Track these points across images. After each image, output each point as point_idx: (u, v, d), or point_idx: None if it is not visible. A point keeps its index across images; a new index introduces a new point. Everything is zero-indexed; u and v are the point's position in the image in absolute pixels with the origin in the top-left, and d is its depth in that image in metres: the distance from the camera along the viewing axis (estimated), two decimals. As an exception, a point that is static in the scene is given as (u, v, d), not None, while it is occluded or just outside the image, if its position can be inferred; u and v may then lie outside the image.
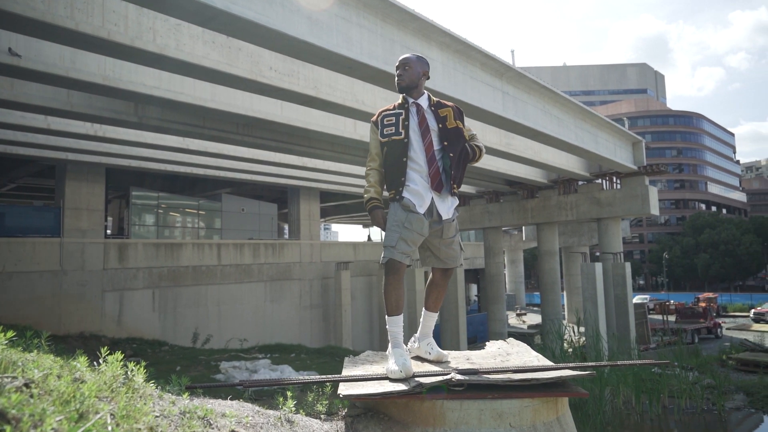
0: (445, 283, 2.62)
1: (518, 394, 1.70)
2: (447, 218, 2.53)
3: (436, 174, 2.50)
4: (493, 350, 2.57)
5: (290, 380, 1.90)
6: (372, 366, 2.28)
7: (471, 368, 2.01)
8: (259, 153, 16.96)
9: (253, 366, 12.57)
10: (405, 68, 2.70)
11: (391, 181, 2.54)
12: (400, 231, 2.39)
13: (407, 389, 1.74)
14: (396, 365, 2.04)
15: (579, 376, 1.77)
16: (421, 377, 1.93)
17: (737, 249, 62.21)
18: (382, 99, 12.72)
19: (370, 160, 2.68)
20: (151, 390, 1.44)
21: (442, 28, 10.99)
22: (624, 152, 21.01)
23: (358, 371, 2.16)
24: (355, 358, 2.44)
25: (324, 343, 22.22)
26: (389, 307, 2.38)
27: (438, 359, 2.38)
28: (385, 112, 2.68)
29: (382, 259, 2.39)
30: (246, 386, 1.82)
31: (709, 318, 30.55)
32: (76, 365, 1.35)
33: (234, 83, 10.11)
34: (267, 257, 21.88)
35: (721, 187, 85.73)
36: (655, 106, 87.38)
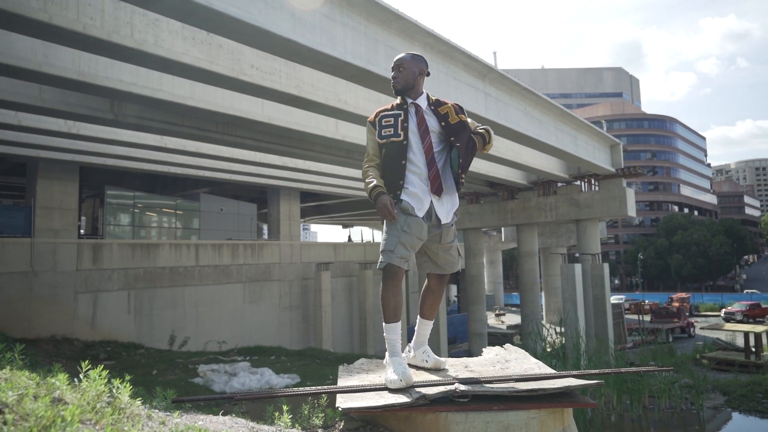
0: (441, 289, 2.54)
1: (525, 405, 1.63)
2: (446, 222, 2.47)
3: (436, 177, 2.43)
4: (491, 357, 2.50)
5: (285, 392, 1.79)
6: (368, 375, 2.19)
7: (472, 377, 1.93)
8: (239, 152, 16.70)
9: (232, 369, 12.34)
10: (399, 70, 2.59)
11: (389, 184, 2.44)
12: (399, 235, 2.31)
13: (410, 401, 1.66)
14: (396, 375, 1.96)
15: (587, 385, 1.71)
16: (422, 387, 1.85)
17: (708, 250, 63.80)
18: (364, 99, 12.63)
19: (368, 159, 2.56)
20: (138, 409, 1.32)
21: (425, 28, 10.94)
22: (602, 154, 21.29)
23: (354, 381, 2.07)
24: (349, 367, 2.34)
25: (304, 345, 22.01)
26: (387, 313, 2.29)
27: (435, 367, 2.30)
28: (383, 112, 2.58)
29: (379, 264, 2.30)
30: (238, 399, 1.72)
31: (683, 318, 31.22)
32: (54, 383, 1.23)
33: (214, 81, 9.90)
34: (246, 258, 21.57)
35: (693, 190, 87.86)
36: (630, 109, 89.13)
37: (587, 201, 22.39)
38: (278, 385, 10.79)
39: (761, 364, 17.30)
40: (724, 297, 49.35)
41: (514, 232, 41.85)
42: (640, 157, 78.16)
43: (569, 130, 18.10)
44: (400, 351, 2.22)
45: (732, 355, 19.08)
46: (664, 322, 30.01)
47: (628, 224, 79.28)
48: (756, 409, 8.77)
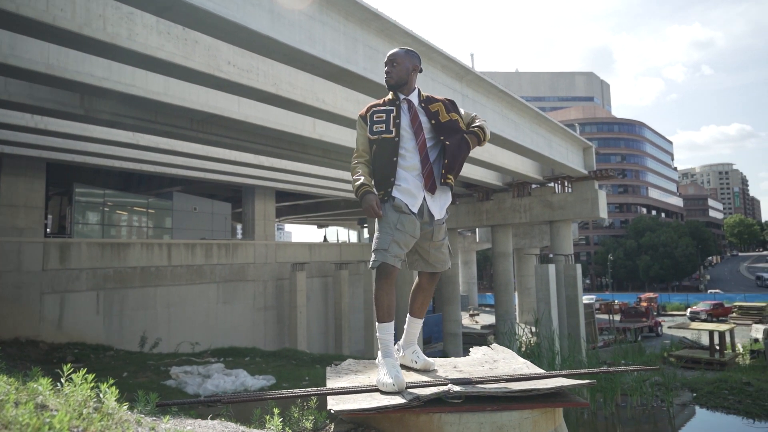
0: (432, 287, 2.52)
1: (518, 406, 1.63)
2: (439, 218, 2.44)
3: (430, 174, 2.40)
4: (479, 357, 2.50)
5: (274, 394, 1.75)
6: (357, 376, 2.16)
7: (464, 378, 1.92)
8: (213, 150, 16.43)
9: (205, 371, 12.12)
10: (393, 65, 2.56)
11: (380, 182, 2.40)
12: (392, 233, 2.27)
13: (404, 402, 1.64)
14: (389, 377, 1.93)
15: (580, 385, 1.72)
16: (414, 388, 1.83)
17: (675, 251, 65.65)
18: (342, 98, 12.58)
19: (357, 155, 2.51)
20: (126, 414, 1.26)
21: (404, 28, 10.95)
22: (575, 157, 21.67)
23: (344, 382, 2.03)
24: (337, 368, 2.30)
25: (278, 346, 21.79)
26: (381, 313, 2.25)
27: (425, 368, 2.28)
28: (374, 107, 2.54)
29: (372, 262, 2.27)
30: (225, 402, 1.66)
31: (651, 317, 32.05)
32: (37, 388, 1.15)
33: (190, 77, 9.71)
34: (220, 258, 21.24)
35: (660, 192, 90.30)
36: (601, 113, 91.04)
37: (560, 202, 22.77)
38: (253, 386, 10.64)
39: (725, 361, 17.88)
40: (690, 297, 50.81)
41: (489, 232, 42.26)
42: (610, 160, 79.91)
43: (544, 133, 18.37)
44: (394, 352, 2.19)
45: (698, 353, 19.63)
46: (634, 322, 30.74)
47: (598, 226, 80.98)
48: (722, 405, 9.04)
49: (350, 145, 15.61)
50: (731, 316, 36.16)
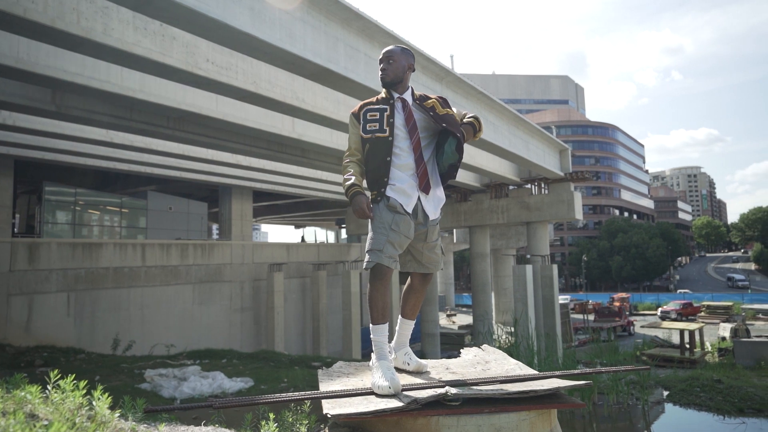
0: (424, 289, 2.50)
1: (516, 407, 1.62)
2: (433, 219, 2.42)
3: (425, 174, 2.37)
4: (470, 358, 2.49)
5: (268, 398, 1.70)
6: (350, 379, 2.12)
7: (459, 379, 1.91)
8: (190, 149, 16.16)
9: (181, 373, 11.89)
10: (389, 61, 2.51)
11: (373, 182, 2.37)
12: (387, 233, 2.24)
13: (401, 405, 1.61)
14: (385, 380, 1.90)
15: (577, 386, 1.72)
16: (410, 391, 1.81)
17: (646, 252, 67.19)
18: (322, 98, 12.51)
19: (349, 154, 2.46)
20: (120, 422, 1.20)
21: (385, 28, 10.94)
22: (552, 159, 21.99)
23: (337, 385, 1.99)
24: (329, 371, 2.26)
25: (255, 347, 21.54)
26: (375, 315, 2.22)
27: (418, 369, 2.26)
28: (367, 105, 2.50)
29: (367, 263, 2.23)
30: (217, 407, 1.61)
31: (624, 317, 32.68)
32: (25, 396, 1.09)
33: (167, 74, 9.52)
34: (196, 258, 20.90)
35: (632, 194, 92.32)
36: (575, 116, 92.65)
37: (537, 204, 23.06)
38: (231, 389, 10.49)
39: (695, 359, 18.36)
40: (660, 297, 52.05)
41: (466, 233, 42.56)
42: (584, 162, 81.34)
43: (522, 135, 18.58)
44: (388, 354, 2.16)
45: (669, 351, 20.10)
46: (607, 321, 31.29)
47: (572, 227, 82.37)
48: (695, 403, 9.25)
49: (330, 145, 15.55)
50: (700, 315, 37.16)
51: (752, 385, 9.97)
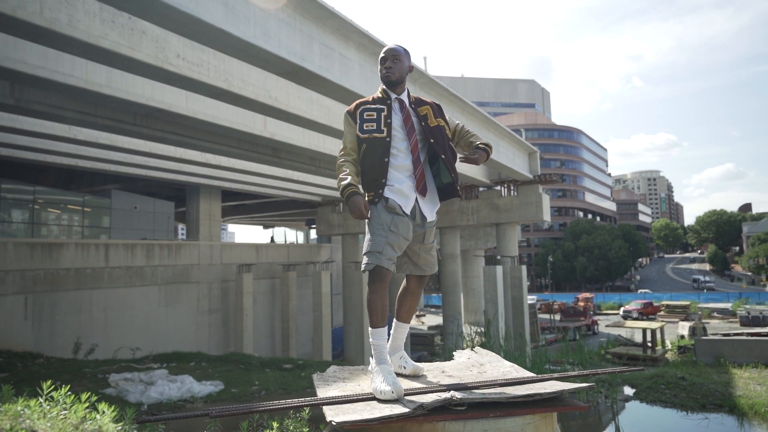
0: (420, 291, 2.47)
1: (521, 411, 1.60)
2: (431, 220, 2.40)
3: (422, 176, 2.35)
4: (464, 360, 2.47)
5: (267, 405, 1.63)
6: (346, 384, 2.07)
7: (461, 383, 1.88)
8: (157, 146, 15.70)
9: (148, 377, 11.56)
10: (394, 61, 2.48)
11: (370, 183, 2.32)
12: (387, 235, 2.20)
13: (408, 411, 1.57)
14: (387, 385, 1.85)
15: (580, 388, 1.72)
16: (413, 396, 1.77)
17: (609, 253, 69.09)
18: (295, 97, 12.37)
19: (344, 154, 2.41)
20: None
21: (360, 28, 10.90)
22: (521, 161, 22.34)
23: (335, 390, 1.94)
24: (324, 376, 2.20)
25: (224, 350, 21.15)
26: (374, 318, 2.17)
27: (414, 373, 2.22)
28: (364, 105, 2.45)
29: (366, 265, 2.18)
30: (214, 416, 1.54)
31: (589, 316, 33.50)
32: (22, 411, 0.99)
33: (136, 69, 9.23)
34: (162, 259, 20.36)
35: (596, 197, 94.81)
36: (542, 120, 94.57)
37: (507, 206, 23.38)
38: (200, 392, 10.25)
39: (656, 357, 18.94)
40: (622, 296, 53.58)
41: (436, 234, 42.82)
42: (550, 165, 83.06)
43: (492, 137, 18.81)
44: (388, 358, 2.12)
45: (632, 350, 20.68)
46: (573, 321, 32.01)
47: (538, 228, 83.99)
48: (660, 400, 9.53)
49: (302, 144, 15.38)
50: (659, 314, 38.42)
51: (713, 381, 10.34)
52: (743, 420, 8.41)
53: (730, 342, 12.77)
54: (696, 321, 26.29)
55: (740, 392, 9.53)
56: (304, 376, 11.64)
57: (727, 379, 10.60)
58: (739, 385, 10.12)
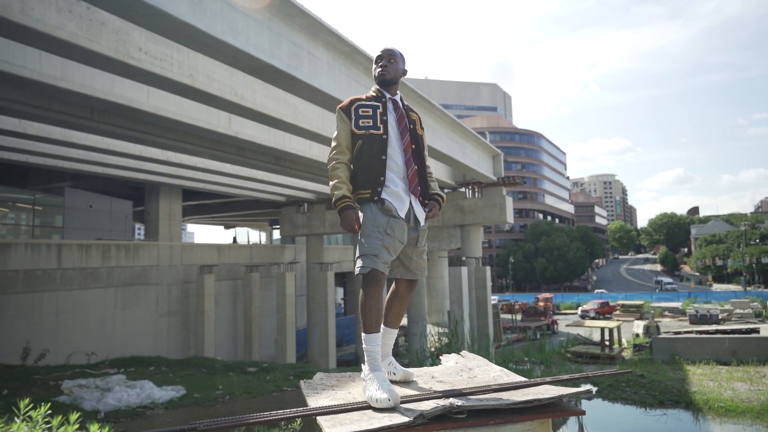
0: (409, 295, 2.42)
1: (520, 418, 1.57)
2: (424, 224, 2.38)
3: (414, 176, 2.32)
4: (452, 365, 2.43)
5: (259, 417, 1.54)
6: (336, 392, 1.99)
7: (456, 389, 1.84)
8: (115, 143, 15.12)
9: (104, 383, 11.10)
10: (390, 60, 2.46)
11: (367, 180, 2.26)
12: (383, 238, 2.15)
13: (408, 421, 1.51)
14: (383, 392, 1.79)
15: (578, 393, 1.71)
16: (408, 403, 1.71)
17: (567, 254, 71.00)
18: (262, 95, 12.15)
19: (338, 152, 2.34)
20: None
21: (329, 27, 10.79)
22: (486, 164, 22.64)
23: (325, 399, 1.86)
24: (312, 383, 2.12)
25: (184, 353, 20.57)
26: (368, 323, 2.10)
27: (405, 379, 2.16)
28: (358, 101, 2.40)
29: (361, 269, 2.12)
30: (203, 429, 1.44)
31: (549, 316, 34.31)
32: None
33: (95, 62, 8.84)
34: (119, 260, 19.62)
35: (555, 199, 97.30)
36: (504, 123, 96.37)
37: (471, 207, 23.65)
38: (162, 398, 9.89)
39: (614, 356, 19.54)
40: (580, 297, 55.15)
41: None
42: (511, 167, 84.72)
43: (458, 139, 18.99)
44: (381, 365, 2.05)
45: (591, 348, 21.26)
46: (534, 321, 32.70)
47: (499, 230, 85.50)
48: (621, 397, 9.80)
49: (268, 144, 15.12)
50: (615, 313, 39.72)
51: (669, 378, 10.72)
52: (698, 415, 8.74)
53: (684, 340, 13.28)
54: (650, 320, 27.30)
55: (695, 388, 9.91)
56: (269, 379, 11.41)
57: (682, 376, 11.01)
58: (693, 382, 10.53)
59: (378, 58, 2.47)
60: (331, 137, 9.83)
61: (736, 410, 8.56)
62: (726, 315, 30.07)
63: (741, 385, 10.24)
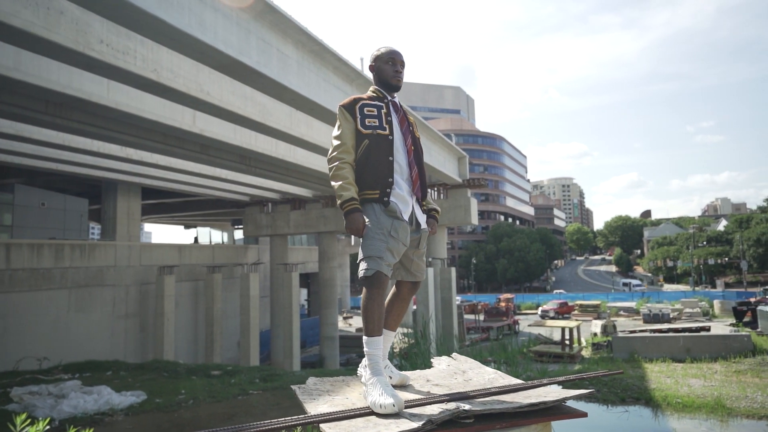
0: (410, 298, 2.39)
1: (526, 421, 1.56)
2: (425, 226, 2.36)
3: (416, 179, 2.30)
4: (444, 368, 2.41)
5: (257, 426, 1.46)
6: (333, 397, 1.93)
7: (459, 393, 1.81)
8: (72, 138, 14.48)
9: (58, 390, 10.60)
10: (402, 67, 2.45)
11: (376, 181, 2.21)
12: (387, 240, 2.11)
13: (417, 427, 1.47)
14: (388, 398, 1.74)
15: (581, 394, 1.71)
16: (411, 408, 1.67)
17: (527, 255, 72.56)
18: (229, 92, 11.88)
19: (343, 151, 2.25)
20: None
21: (299, 25, 10.65)
22: (451, 166, 22.88)
23: (324, 405, 1.79)
24: (307, 389, 2.05)
25: (142, 357, 19.91)
26: (371, 326, 2.05)
27: (402, 383, 2.12)
28: (362, 100, 2.34)
29: (366, 271, 2.07)
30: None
31: (510, 316, 34.94)
32: None
33: (53, 53, 8.44)
34: (74, 260, 18.81)
35: (516, 202, 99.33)
36: (467, 126, 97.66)
37: (437, 208, 23.79)
38: (121, 404, 9.51)
39: (574, 354, 20.08)
40: (539, 297, 56.46)
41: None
42: (474, 170, 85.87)
43: (425, 141, 19.10)
44: (383, 369, 2.00)
45: (552, 348, 21.76)
46: (496, 321, 33.23)
47: (462, 231, 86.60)
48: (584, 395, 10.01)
49: (233, 142, 14.81)
50: (574, 313, 40.84)
51: (629, 376, 11.05)
52: (658, 411, 9.05)
53: (642, 339, 13.74)
54: (607, 319, 28.17)
55: (654, 385, 10.25)
56: (234, 382, 11.15)
57: (641, 374, 11.36)
58: (652, 379, 10.89)
59: (394, 62, 2.42)
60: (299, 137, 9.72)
61: (692, 405, 8.88)
62: (677, 314, 31.33)
63: (695, 381, 10.67)
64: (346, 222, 2.14)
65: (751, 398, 9.07)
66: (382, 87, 2.42)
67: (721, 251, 69.65)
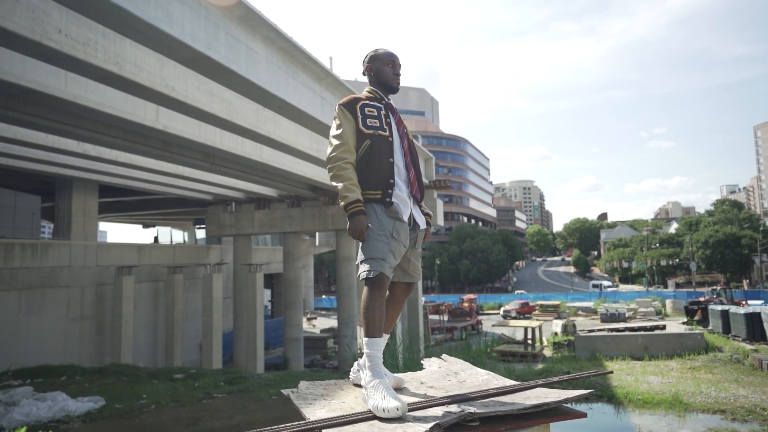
0: (405, 299, 2.37)
1: (529, 423, 1.55)
2: (423, 228, 2.36)
3: (414, 180, 2.31)
4: (436, 369, 2.38)
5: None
6: (330, 401, 1.87)
7: (461, 395, 1.78)
8: (24, 132, 13.80)
9: (8, 397, 10.11)
10: (401, 69, 2.47)
11: (378, 181, 2.18)
12: (389, 242, 2.09)
13: (427, 431, 1.44)
14: (392, 401, 1.69)
15: (581, 395, 1.71)
16: (413, 411, 1.63)
17: (490, 256, 73.80)
18: (195, 88, 11.57)
19: (345, 151, 2.20)
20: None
21: (268, 21, 10.48)
22: (418, 167, 22.99)
23: (322, 410, 1.73)
24: (300, 393, 1.98)
25: (98, 360, 19.19)
26: (372, 327, 2.00)
27: (397, 386, 2.08)
28: (362, 100, 2.31)
29: (368, 272, 2.03)
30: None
31: (474, 316, 35.43)
32: None
33: (7, 42, 8.00)
34: (24, 260, 17.93)
35: (479, 203, 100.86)
36: (431, 128, 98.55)
37: (403, 209, 23.86)
38: (78, 410, 9.12)
39: (536, 353, 20.53)
40: (502, 297, 57.47)
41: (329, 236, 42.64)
42: (439, 171, 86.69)
43: (393, 142, 19.10)
44: (383, 371, 1.96)
45: (514, 347, 22.18)
46: (460, 321, 33.64)
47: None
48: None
49: (198, 139, 14.44)
50: (535, 313, 41.74)
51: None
52: (620, 407, 9.33)
53: (602, 338, 14.17)
54: (567, 319, 28.91)
55: (615, 383, 10.57)
56: (198, 386, 10.86)
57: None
58: (613, 377, 11.23)
59: (393, 64, 2.42)
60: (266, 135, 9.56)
61: (652, 402, 9.20)
62: (632, 313, 32.46)
63: (654, 378, 11.07)
64: (349, 224, 2.11)
65: (705, 393, 9.48)
66: (381, 88, 2.41)
67: (672, 253, 72.63)
